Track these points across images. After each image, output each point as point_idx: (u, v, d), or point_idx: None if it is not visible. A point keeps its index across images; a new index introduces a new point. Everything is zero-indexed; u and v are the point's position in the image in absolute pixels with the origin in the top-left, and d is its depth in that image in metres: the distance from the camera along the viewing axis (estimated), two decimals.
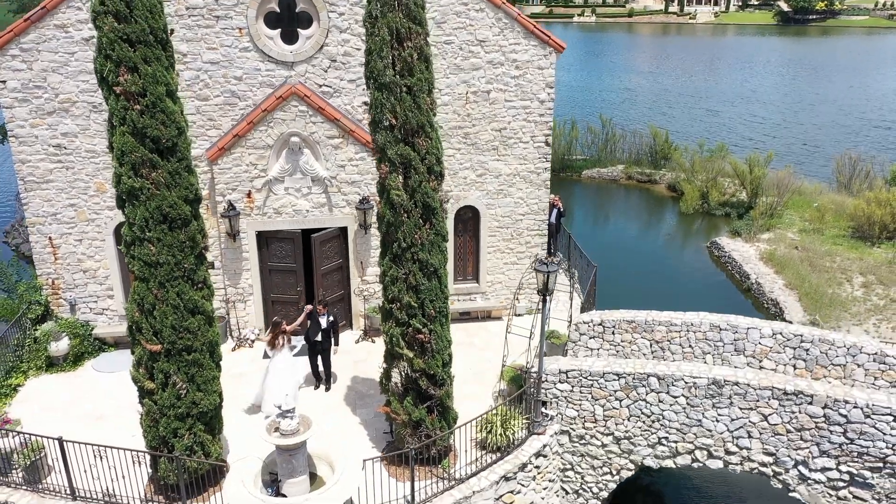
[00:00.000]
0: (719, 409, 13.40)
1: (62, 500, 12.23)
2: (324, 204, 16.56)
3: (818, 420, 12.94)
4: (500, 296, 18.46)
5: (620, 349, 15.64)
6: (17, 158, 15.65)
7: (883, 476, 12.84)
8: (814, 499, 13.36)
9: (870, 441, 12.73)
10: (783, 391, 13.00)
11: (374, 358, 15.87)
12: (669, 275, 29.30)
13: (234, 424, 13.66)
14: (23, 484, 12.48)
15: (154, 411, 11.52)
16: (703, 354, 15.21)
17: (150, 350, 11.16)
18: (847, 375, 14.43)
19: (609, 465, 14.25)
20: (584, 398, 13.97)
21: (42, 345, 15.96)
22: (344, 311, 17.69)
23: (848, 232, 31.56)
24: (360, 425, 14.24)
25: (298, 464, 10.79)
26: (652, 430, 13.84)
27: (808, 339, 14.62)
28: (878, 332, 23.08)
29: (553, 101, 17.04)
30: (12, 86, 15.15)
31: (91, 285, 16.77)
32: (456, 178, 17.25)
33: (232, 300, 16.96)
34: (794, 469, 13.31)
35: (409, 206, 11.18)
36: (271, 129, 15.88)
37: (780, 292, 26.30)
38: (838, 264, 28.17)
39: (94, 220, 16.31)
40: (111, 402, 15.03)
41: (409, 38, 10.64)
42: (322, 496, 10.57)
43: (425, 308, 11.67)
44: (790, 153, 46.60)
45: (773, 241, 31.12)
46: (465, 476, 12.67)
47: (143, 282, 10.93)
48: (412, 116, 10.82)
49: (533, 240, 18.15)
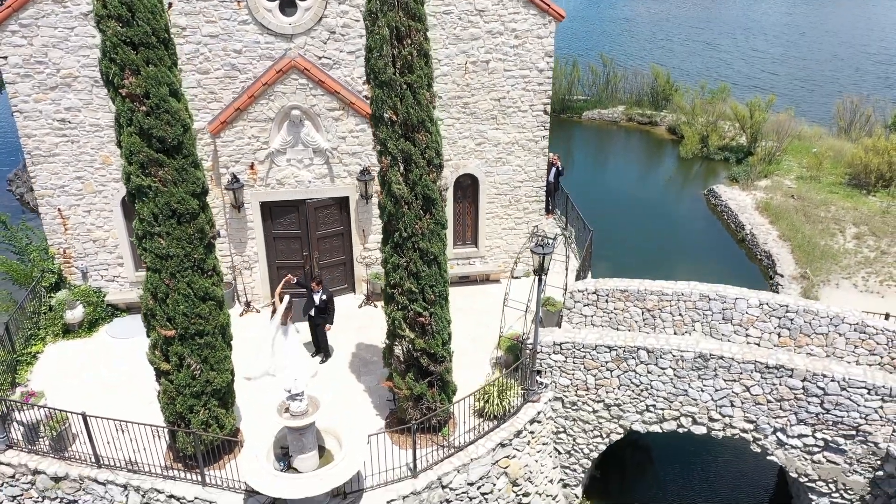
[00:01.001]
0: (704, 381, 14.15)
1: (87, 467, 13.11)
2: (325, 175, 16.88)
3: (797, 392, 13.69)
4: (498, 260, 18.99)
5: (613, 316, 16.27)
6: (23, 133, 15.88)
7: (855, 443, 13.70)
8: (790, 462, 14.28)
9: (844, 411, 13.52)
10: (765, 365, 13.70)
11: (376, 323, 16.54)
12: (666, 224, 29.71)
13: (245, 389, 14.46)
14: (50, 452, 13.34)
15: (170, 390, 12.24)
16: (692, 322, 15.85)
17: (165, 335, 11.77)
18: (829, 344, 15.08)
19: (599, 429, 15.12)
20: (576, 368, 14.70)
21: (58, 313, 16.61)
22: (346, 275, 18.28)
23: (845, 179, 31.82)
24: (364, 393, 15.03)
25: (308, 441, 11.57)
26: (640, 398, 14.63)
27: (793, 310, 15.20)
28: (866, 285, 23.68)
29: (552, 69, 17.09)
30: (13, 61, 15.23)
31: (101, 254, 17.28)
32: (455, 147, 17.50)
33: (238, 268, 17.50)
34: (772, 435, 14.17)
35: (409, 198, 11.56)
36: (272, 103, 16.03)
37: (774, 244, 26.80)
38: (832, 214, 28.57)
39: (101, 191, 16.67)
40: (126, 368, 15.78)
41: (408, 36, 10.79)
42: (331, 472, 11.40)
43: (425, 293, 12.22)
44: (790, 92, 46.26)
45: (770, 190, 31.42)
46: (464, 444, 13.52)
47: (156, 272, 11.44)
48: (413, 113, 11.08)
49: (531, 206, 18.53)
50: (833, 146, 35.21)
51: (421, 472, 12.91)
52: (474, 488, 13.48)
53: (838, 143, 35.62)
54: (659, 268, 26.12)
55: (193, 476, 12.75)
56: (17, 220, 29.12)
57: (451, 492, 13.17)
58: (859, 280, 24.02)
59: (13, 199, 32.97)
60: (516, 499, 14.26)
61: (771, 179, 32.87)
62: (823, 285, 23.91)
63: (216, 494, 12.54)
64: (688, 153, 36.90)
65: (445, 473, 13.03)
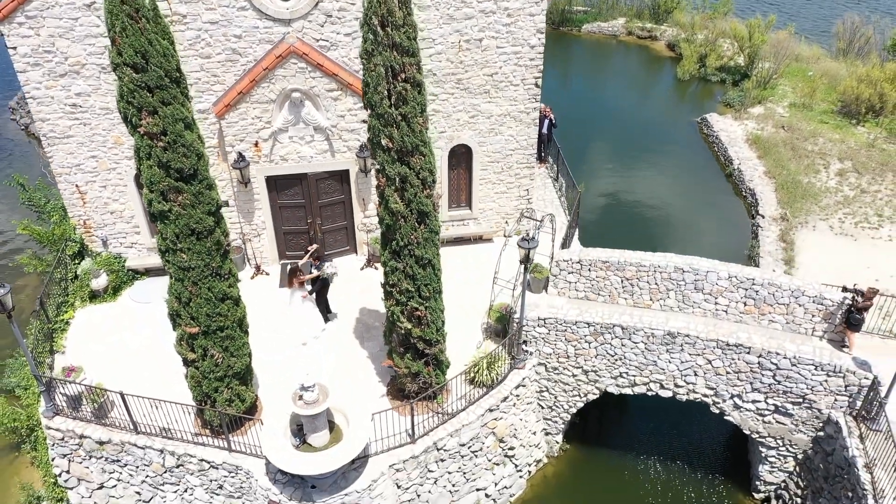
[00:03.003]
0: (672, 354, 15.80)
1: (127, 433, 15.00)
2: (326, 150, 17.78)
3: (753, 366, 15.36)
4: (490, 221, 20.18)
5: (595, 283, 17.67)
6: (38, 117, 16.67)
7: (801, 408, 15.52)
8: (744, 422, 16.18)
9: (794, 383, 15.25)
10: (727, 343, 15.30)
11: (377, 287, 17.88)
12: (656, 154, 30.51)
13: (262, 360, 16.18)
14: (93, 419, 15.19)
15: (197, 375, 13.89)
16: (667, 291, 17.28)
17: (190, 332, 13.26)
18: (789, 313, 16.61)
19: (578, 390, 16.94)
20: (558, 339, 16.31)
21: (84, 281, 18.03)
22: (348, 238, 19.57)
23: (837, 106, 32.26)
24: (367, 359, 16.72)
25: (320, 423, 13.33)
26: (615, 366, 16.34)
27: (758, 283, 16.58)
28: (841, 227, 24.86)
29: (543, 45, 17.58)
30: (23, 51, 15.79)
31: (119, 224, 18.48)
32: (450, 120, 18.27)
33: (247, 236, 18.75)
34: (730, 400, 15.99)
35: (405, 213, 12.68)
36: (273, 86, 16.70)
37: (759, 181, 27.79)
38: (819, 147, 29.35)
39: (115, 168, 17.64)
40: (148, 331, 17.32)
41: (402, 72, 11.52)
42: (341, 450, 13.24)
43: (421, 291, 13.59)
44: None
45: (762, 119, 31.95)
46: (456, 411, 15.34)
47: (179, 281, 12.78)
48: (407, 140, 11.99)
49: (522, 171, 19.50)
50: (829, 70, 35.31)
51: (419, 438, 14.80)
52: (465, 448, 15.45)
53: (835, 67, 35.67)
54: (646, 203, 27.35)
55: (220, 442, 14.66)
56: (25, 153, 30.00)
57: (444, 453, 15.14)
58: (836, 222, 25.20)
59: (18, 128, 33.53)
60: (503, 453, 16.29)
61: (764, 106, 33.30)
62: (801, 227, 25.12)
63: (241, 459, 14.49)
64: (685, 74, 37.00)
65: (440, 438, 14.94)
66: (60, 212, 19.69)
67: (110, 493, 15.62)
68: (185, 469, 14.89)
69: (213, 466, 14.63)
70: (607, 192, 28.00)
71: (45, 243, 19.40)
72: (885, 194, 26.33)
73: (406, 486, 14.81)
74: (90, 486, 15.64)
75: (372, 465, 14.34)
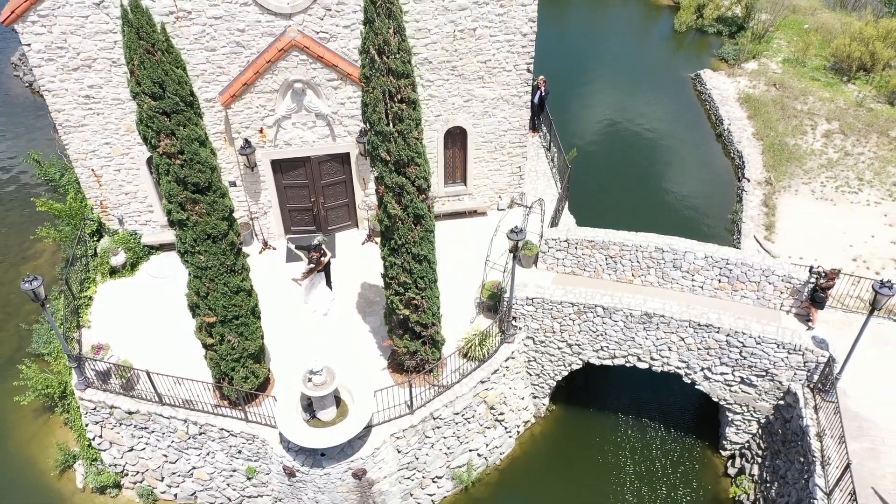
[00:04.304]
0: (648, 331, 17.21)
1: (153, 404, 16.60)
2: (328, 135, 18.72)
3: (721, 343, 16.80)
4: (484, 196, 21.27)
5: (581, 260, 18.97)
6: (53, 108, 17.55)
7: (765, 380, 17.06)
8: (713, 390, 17.77)
9: (758, 359, 16.73)
10: (698, 323, 16.69)
11: (377, 262, 19.07)
12: (648, 113, 31.21)
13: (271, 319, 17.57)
14: (121, 392, 16.76)
15: (215, 357, 15.36)
16: (647, 268, 18.59)
17: (208, 321, 14.64)
18: (760, 289, 17.98)
19: (563, 360, 18.45)
20: (545, 317, 17.70)
21: (104, 258, 19.30)
22: (349, 214, 20.73)
23: (829, 62, 32.70)
24: (369, 333, 18.16)
25: (328, 401, 14.88)
26: (596, 341, 17.79)
27: (732, 262, 17.87)
28: (822, 191, 25.91)
29: (535, 33, 18.25)
30: (37, 48, 16.55)
31: (133, 204, 19.60)
32: (445, 104, 19.11)
33: (255, 215, 19.89)
34: (700, 372, 17.51)
35: (403, 217, 13.82)
36: (276, 77, 17.51)
37: (747, 143, 28.62)
38: (809, 107, 30.04)
39: (128, 153, 18.62)
40: (165, 305, 18.67)
41: (398, 93, 12.44)
42: (347, 425, 14.85)
43: (418, 283, 14.88)
44: None
45: (755, 76, 32.44)
46: (451, 384, 16.90)
47: (198, 278, 14.06)
48: (403, 153, 13.01)
49: (514, 150, 20.46)
50: (825, 24, 35.49)
51: (417, 409, 16.40)
52: (459, 416, 17.09)
53: (831, 20, 35.82)
54: (637, 163, 28.23)
55: (238, 413, 16.26)
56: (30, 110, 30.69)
57: (440, 421, 16.78)
58: (818, 186, 26.22)
59: (21, 85, 34.01)
60: (493, 418, 17.96)
61: (758, 62, 33.72)
62: (784, 191, 26.18)
63: (257, 429, 16.13)
64: (682, 25, 37.15)
65: (436, 409, 16.55)
66: (75, 185, 20.78)
67: (140, 455, 17.36)
68: (207, 436, 16.55)
69: (232, 434, 16.28)
70: (599, 151, 28.83)
71: (64, 217, 20.54)
72: (868, 157, 27.24)
73: (405, 451, 16.51)
74: (121, 449, 17.36)
75: (375, 434, 15.98)
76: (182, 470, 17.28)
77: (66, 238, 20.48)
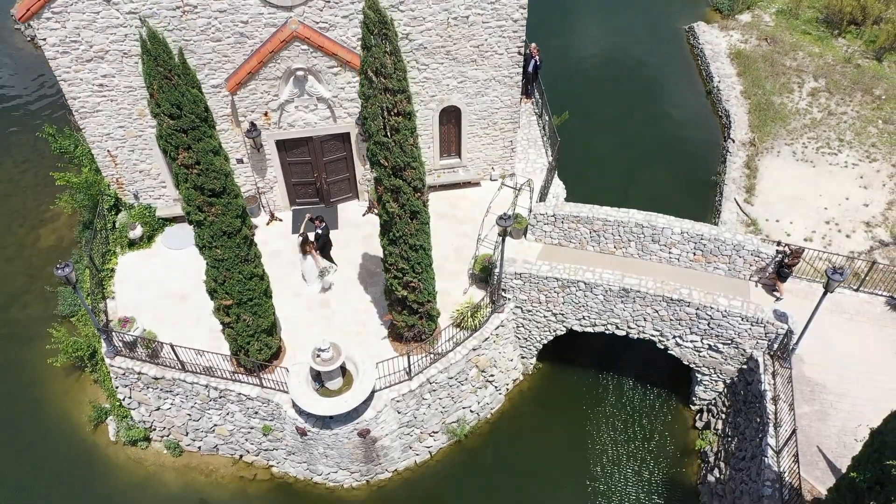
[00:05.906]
0: (626, 304, 18.82)
1: (177, 371, 18.38)
2: (329, 117, 19.78)
3: (692, 315, 18.44)
4: (478, 168, 22.46)
5: (567, 233, 20.43)
6: (69, 96, 18.56)
7: (730, 347, 18.80)
8: (683, 355, 19.54)
9: (724, 329, 18.41)
10: (671, 298, 18.27)
11: (378, 233, 20.66)
12: (641, 69, 31.82)
13: (279, 288, 19.21)
14: (147, 360, 18.52)
15: (232, 333, 17.03)
16: (628, 241, 20.08)
17: (225, 304, 16.22)
18: (731, 262, 19.51)
19: (548, 327, 20.15)
20: (532, 289, 19.27)
21: (123, 232, 20.71)
22: (351, 186, 21.99)
23: (822, 14, 33.06)
24: (370, 303, 19.77)
25: (335, 374, 16.65)
26: (579, 311, 19.42)
27: (707, 238, 19.36)
28: (804, 153, 26.98)
29: (525, 19, 19.04)
30: (52, 42, 17.43)
31: (147, 180, 20.84)
32: (440, 86, 20.08)
33: (261, 189, 21.16)
34: (672, 339, 19.24)
35: (400, 213, 15.18)
36: (278, 65, 18.44)
37: (735, 101, 29.43)
38: (798, 63, 30.69)
39: (141, 135, 19.73)
40: (181, 276, 20.16)
41: (394, 108, 13.56)
42: (353, 394, 16.67)
43: (415, 268, 16.38)
44: None
45: (747, 29, 32.86)
46: (446, 351, 18.64)
47: (215, 268, 15.54)
48: (400, 160, 14.24)
49: (506, 126, 21.52)
50: None
51: (414, 375, 18.20)
52: (453, 380, 18.92)
53: None
54: (626, 124, 29.13)
55: (253, 380, 18.07)
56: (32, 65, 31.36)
57: (436, 385, 18.62)
58: (799, 147, 27.24)
59: (25, 40, 34.41)
60: (484, 379, 19.82)
61: (752, 14, 34.03)
62: (766, 153, 27.24)
63: (271, 394, 17.98)
64: None
65: (432, 375, 18.35)
66: (89, 155, 21.92)
67: (166, 413, 19.29)
68: (226, 399, 18.43)
69: (249, 398, 18.15)
70: (590, 111, 29.63)
71: (81, 189, 21.78)
72: (851, 116, 28.14)
73: (404, 412, 18.43)
74: (149, 408, 19.29)
75: (377, 398, 17.84)
76: (204, 427, 19.26)
77: (82, 205, 21.81)
